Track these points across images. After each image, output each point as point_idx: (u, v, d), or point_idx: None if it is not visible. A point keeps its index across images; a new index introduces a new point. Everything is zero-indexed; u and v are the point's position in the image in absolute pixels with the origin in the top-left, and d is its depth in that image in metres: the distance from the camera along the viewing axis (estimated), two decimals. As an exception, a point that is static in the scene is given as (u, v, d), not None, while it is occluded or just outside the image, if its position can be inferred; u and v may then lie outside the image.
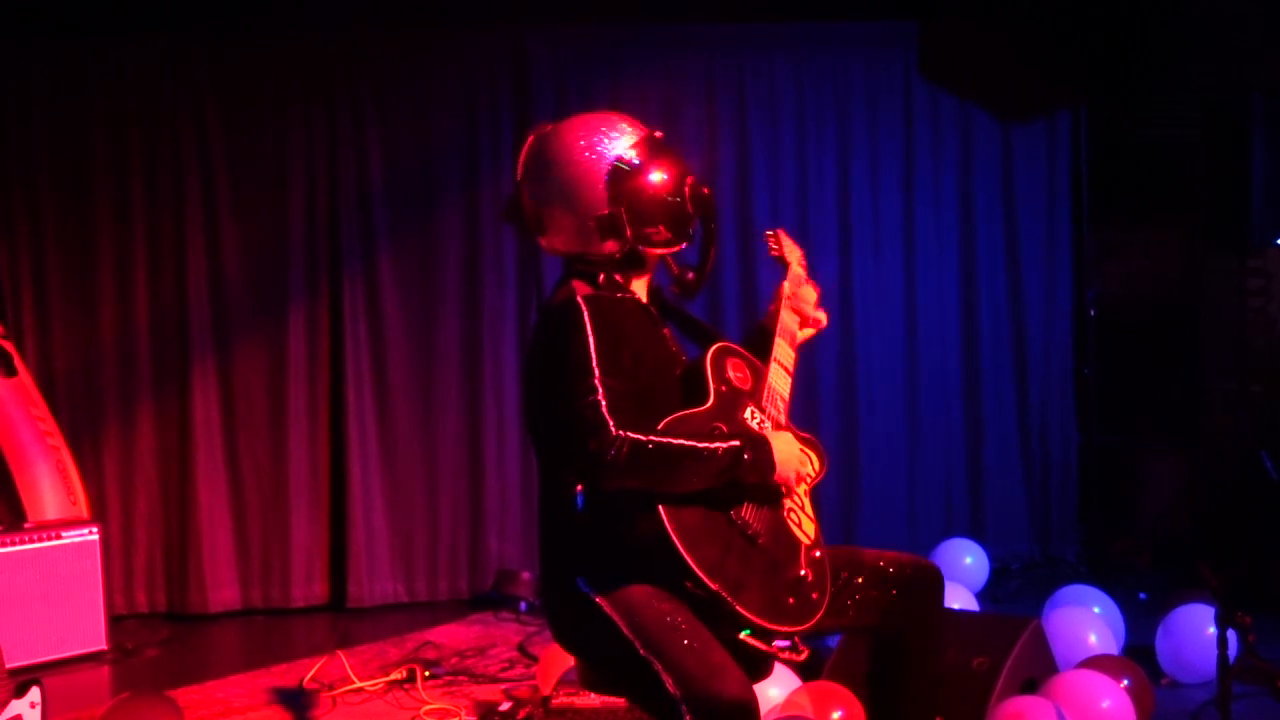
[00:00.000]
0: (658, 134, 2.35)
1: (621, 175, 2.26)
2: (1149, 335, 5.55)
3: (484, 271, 5.24)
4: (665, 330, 2.40)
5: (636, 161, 2.28)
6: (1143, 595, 4.67)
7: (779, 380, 2.41)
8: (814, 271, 5.48)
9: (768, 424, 2.32)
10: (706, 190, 2.36)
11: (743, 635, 2.13)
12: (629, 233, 2.27)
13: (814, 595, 2.22)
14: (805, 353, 5.32)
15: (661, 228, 2.30)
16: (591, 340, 2.13)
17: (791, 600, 2.18)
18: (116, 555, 4.98)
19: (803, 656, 2.20)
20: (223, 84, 5.11)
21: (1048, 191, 5.55)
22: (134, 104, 5.08)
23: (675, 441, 2.11)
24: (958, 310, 5.52)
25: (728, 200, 5.31)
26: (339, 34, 5.15)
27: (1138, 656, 3.63)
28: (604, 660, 2.25)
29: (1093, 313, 5.47)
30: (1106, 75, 5.47)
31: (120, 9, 4.97)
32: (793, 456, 2.25)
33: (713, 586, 2.07)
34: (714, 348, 2.36)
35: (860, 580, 2.36)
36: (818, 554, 2.27)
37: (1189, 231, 5.46)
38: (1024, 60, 5.47)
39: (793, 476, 2.25)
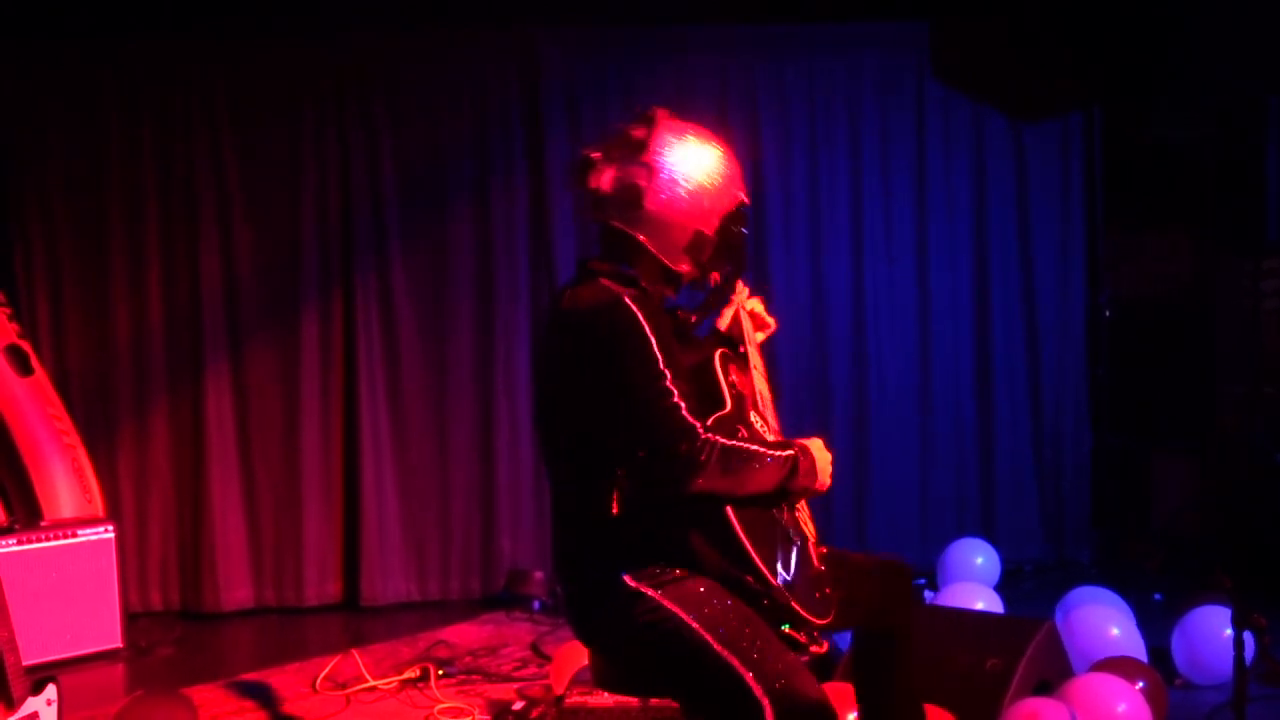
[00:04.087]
0: (747, 200, 2.43)
1: (733, 217, 2.36)
2: (1163, 337, 5.54)
3: (497, 272, 5.25)
4: None
5: (737, 215, 2.37)
6: (1158, 597, 4.66)
7: (762, 385, 2.46)
8: (825, 273, 5.52)
9: (767, 429, 2.37)
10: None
11: (785, 629, 2.15)
12: (705, 259, 2.33)
13: (828, 590, 2.28)
14: (817, 353, 5.38)
15: (719, 268, 2.40)
16: (653, 340, 2.12)
17: (818, 595, 2.24)
18: (131, 554, 5.01)
19: (824, 649, 2.25)
20: (235, 86, 5.14)
21: (1061, 193, 5.54)
22: (146, 106, 5.11)
23: (752, 447, 2.14)
24: (970, 311, 5.51)
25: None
26: (349, 35, 5.17)
27: (1152, 658, 3.62)
28: (655, 659, 2.17)
29: (1106, 314, 5.45)
30: (1120, 76, 5.45)
31: (132, 13, 4.99)
32: (828, 463, 2.29)
33: (774, 583, 2.12)
34: (718, 352, 2.38)
35: (839, 579, 2.39)
36: (823, 550, 2.35)
37: (1203, 233, 5.44)
38: (1037, 61, 5.45)
39: (830, 482, 2.29)
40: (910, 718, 2.54)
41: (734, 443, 2.11)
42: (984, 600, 4.01)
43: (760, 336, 2.62)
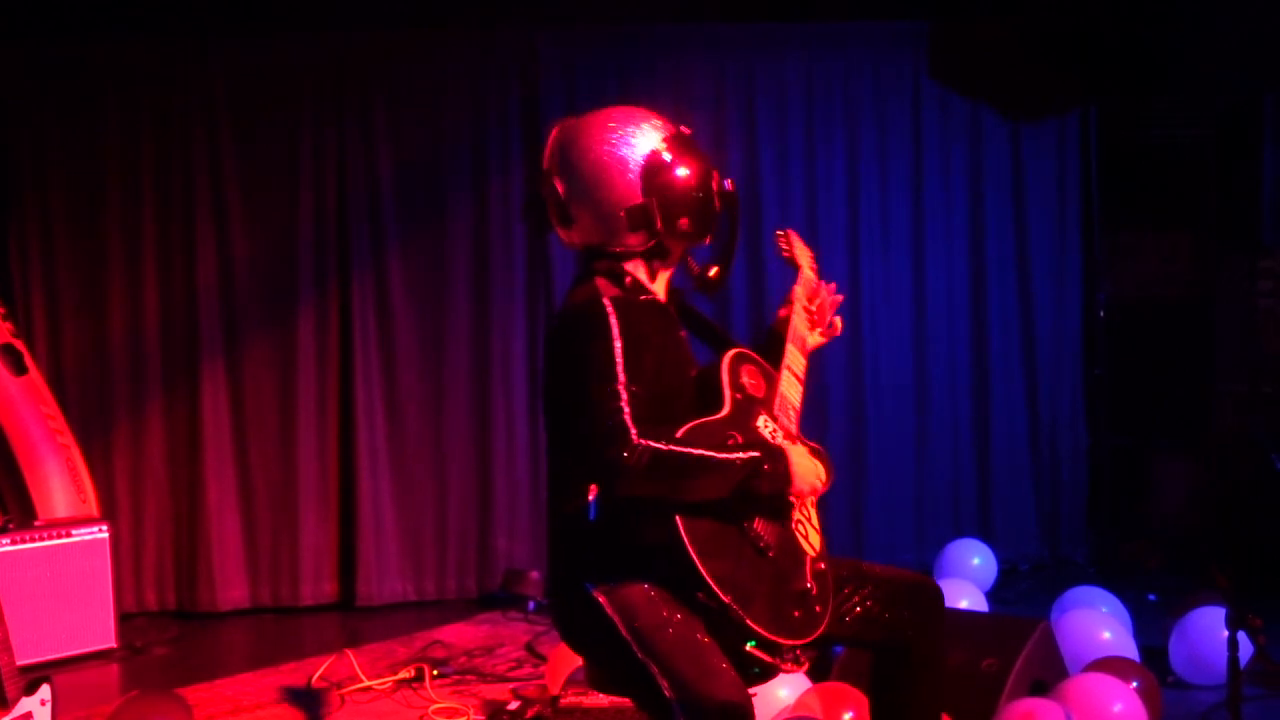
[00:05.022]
0: (685, 130, 2.37)
1: (655, 167, 2.27)
2: (1160, 336, 5.53)
3: (493, 271, 5.24)
4: (682, 332, 2.40)
5: (668, 155, 2.29)
6: (1152, 596, 4.66)
7: (790, 388, 2.41)
8: (823, 273, 5.47)
9: (779, 433, 2.31)
10: (731, 185, 2.38)
11: (748, 647, 2.12)
12: (659, 224, 2.28)
13: (817, 609, 2.22)
14: (813, 354, 5.36)
15: (689, 221, 2.31)
16: (617, 344, 2.12)
17: (797, 613, 2.18)
18: (126, 553, 4.99)
19: (804, 668, 2.21)
20: (233, 85, 5.12)
21: (1057, 192, 5.54)
22: (145, 105, 5.10)
23: (694, 451, 2.10)
24: (967, 311, 5.50)
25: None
26: (349, 35, 5.16)
27: (1146, 658, 3.62)
28: (606, 660, 2.26)
29: (1103, 314, 5.45)
30: (1116, 75, 5.46)
31: (130, 11, 4.98)
32: (809, 469, 2.24)
33: (725, 599, 2.07)
34: (731, 353, 2.35)
35: (862, 594, 2.35)
36: (822, 566, 2.28)
37: (1200, 232, 5.45)
38: (1033, 61, 5.45)
39: (808, 489, 2.24)
40: None
41: (670, 447, 2.07)
42: (968, 598, 4.01)
43: (815, 339, 2.59)
